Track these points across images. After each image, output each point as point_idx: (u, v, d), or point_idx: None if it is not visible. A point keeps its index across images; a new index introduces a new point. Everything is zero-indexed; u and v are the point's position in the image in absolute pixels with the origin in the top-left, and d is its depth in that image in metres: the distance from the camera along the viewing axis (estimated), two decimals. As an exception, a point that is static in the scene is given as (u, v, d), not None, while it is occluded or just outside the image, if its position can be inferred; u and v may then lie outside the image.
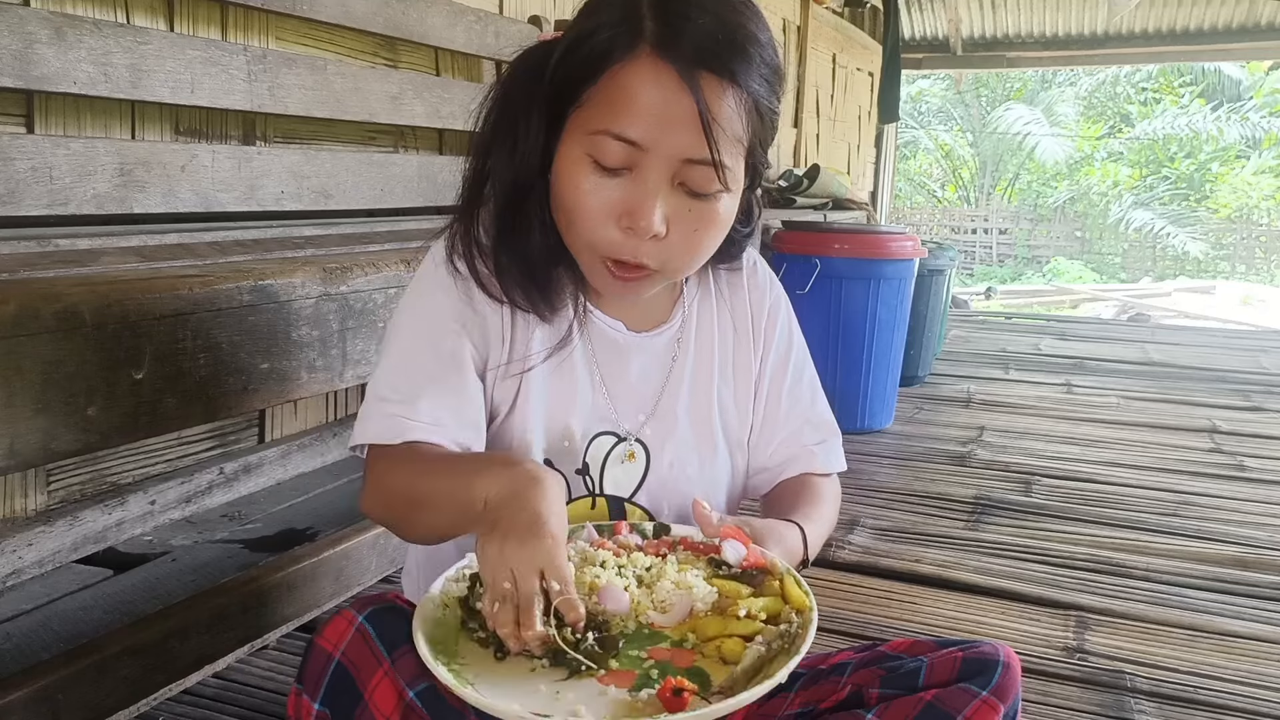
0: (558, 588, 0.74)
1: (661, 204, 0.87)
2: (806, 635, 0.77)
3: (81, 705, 1.08)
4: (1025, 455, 2.96)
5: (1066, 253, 19.11)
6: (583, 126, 0.88)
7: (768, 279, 1.12)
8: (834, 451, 1.12)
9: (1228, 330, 7.18)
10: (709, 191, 0.89)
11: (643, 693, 0.72)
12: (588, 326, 1.01)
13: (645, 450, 1.03)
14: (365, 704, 0.79)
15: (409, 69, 2.44)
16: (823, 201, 4.73)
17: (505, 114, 0.95)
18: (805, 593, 0.83)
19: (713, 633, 0.79)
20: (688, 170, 0.87)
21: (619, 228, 0.88)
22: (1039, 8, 7.37)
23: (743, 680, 0.74)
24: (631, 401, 1.03)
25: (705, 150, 0.85)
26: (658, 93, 0.84)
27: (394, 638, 0.80)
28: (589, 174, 0.88)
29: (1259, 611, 1.88)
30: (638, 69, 0.85)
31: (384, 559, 1.58)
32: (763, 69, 0.88)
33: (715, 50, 0.85)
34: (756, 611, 0.80)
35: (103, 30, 1.60)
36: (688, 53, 0.84)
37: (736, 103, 0.87)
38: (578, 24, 0.91)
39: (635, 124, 0.85)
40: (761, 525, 0.93)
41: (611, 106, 0.86)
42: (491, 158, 0.95)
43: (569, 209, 0.90)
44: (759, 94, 0.89)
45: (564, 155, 0.90)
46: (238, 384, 1.18)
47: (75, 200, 1.56)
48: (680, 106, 0.84)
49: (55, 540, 1.54)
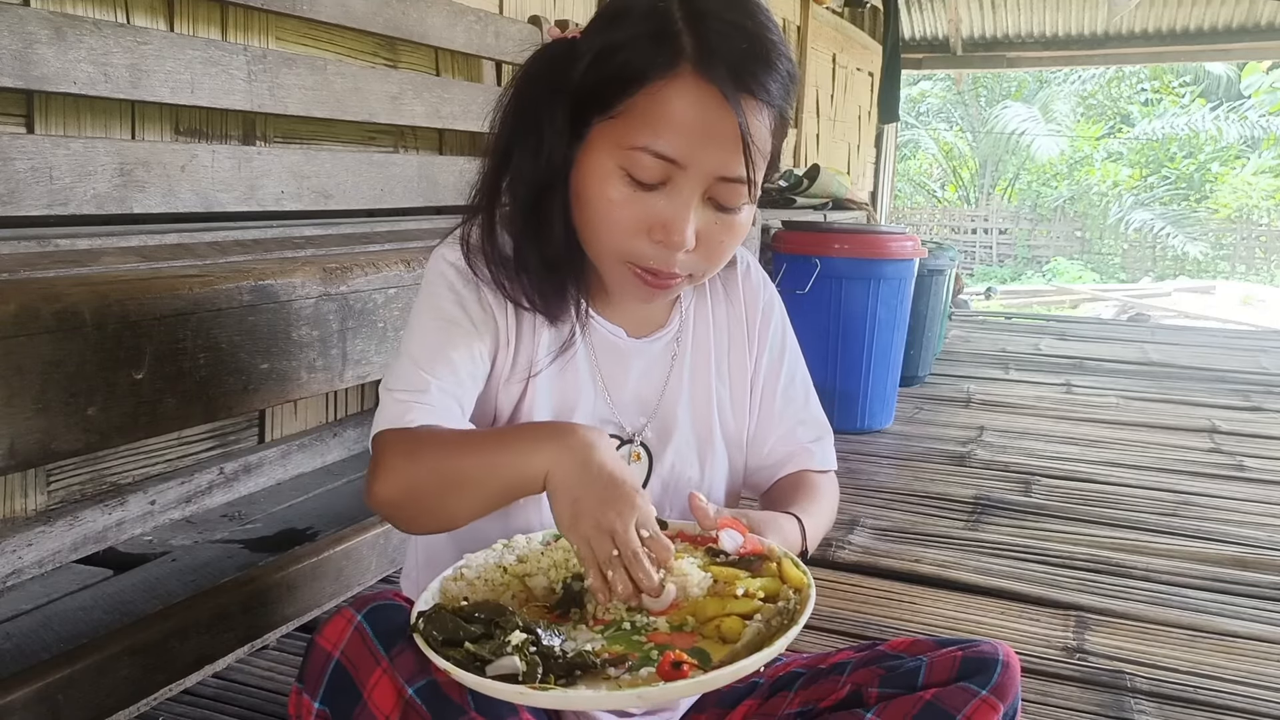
0: (646, 534, 0.77)
1: (694, 219, 0.88)
2: (805, 609, 0.77)
3: (81, 705, 1.08)
4: (1025, 455, 2.96)
5: (1066, 253, 19.11)
6: (616, 139, 0.88)
7: (761, 280, 1.14)
8: (828, 450, 1.14)
9: (1228, 330, 7.17)
10: (737, 205, 0.90)
11: (643, 670, 0.72)
12: (591, 332, 1.01)
13: (648, 453, 1.03)
14: (364, 703, 0.79)
15: (409, 69, 2.44)
16: (823, 201, 4.73)
17: (527, 114, 0.94)
18: (803, 572, 0.83)
19: (712, 613, 0.79)
20: (719, 186, 0.88)
21: (650, 240, 0.89)
22: (1039, 8, 7.37)
23: (742, 655, 0.74)
24: (633, 405, 1.03)
25: (740, 169, 0.87)
26: (701, 113, 0.85)
27: (392, 636, 0.80)
28: (621, 187, 0.88)
29: (1259, 611, 1.88)
30: (680, 89, 0.85)
31: (384, 559, 1.58)
32: (787, 82, 0.90)
33: (753, 70, 0.87)
34: (754, 590, 0.80)
35: (103, 30, 1.60)
36: (727, 73, 0.85)
37: (769, 120, 0.89)
38: (605, 33, 0.91)
39: (676, 143, 0.86)
40: (759, 517, 0.93)
41: (651, 124, 0.86)
42: (513, 158, 0.95)
43: (597, 220, 0.91)
44: (783, 106, 0.91)
45: (592, 166, 0.90)
46: (238, 384, 1.18)
47: (75, 200, 1.56)
48: (722, 127, 0.85)
49: (55, 540, 1.54)
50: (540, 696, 0.69)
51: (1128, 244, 19.21)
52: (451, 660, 0.71)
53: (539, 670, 0.71)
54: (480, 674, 0.70)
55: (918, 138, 20.59)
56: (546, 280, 0.96)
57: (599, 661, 0.73)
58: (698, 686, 0.71)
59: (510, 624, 0.74)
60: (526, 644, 0.73)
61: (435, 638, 0.74)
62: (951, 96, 20.15)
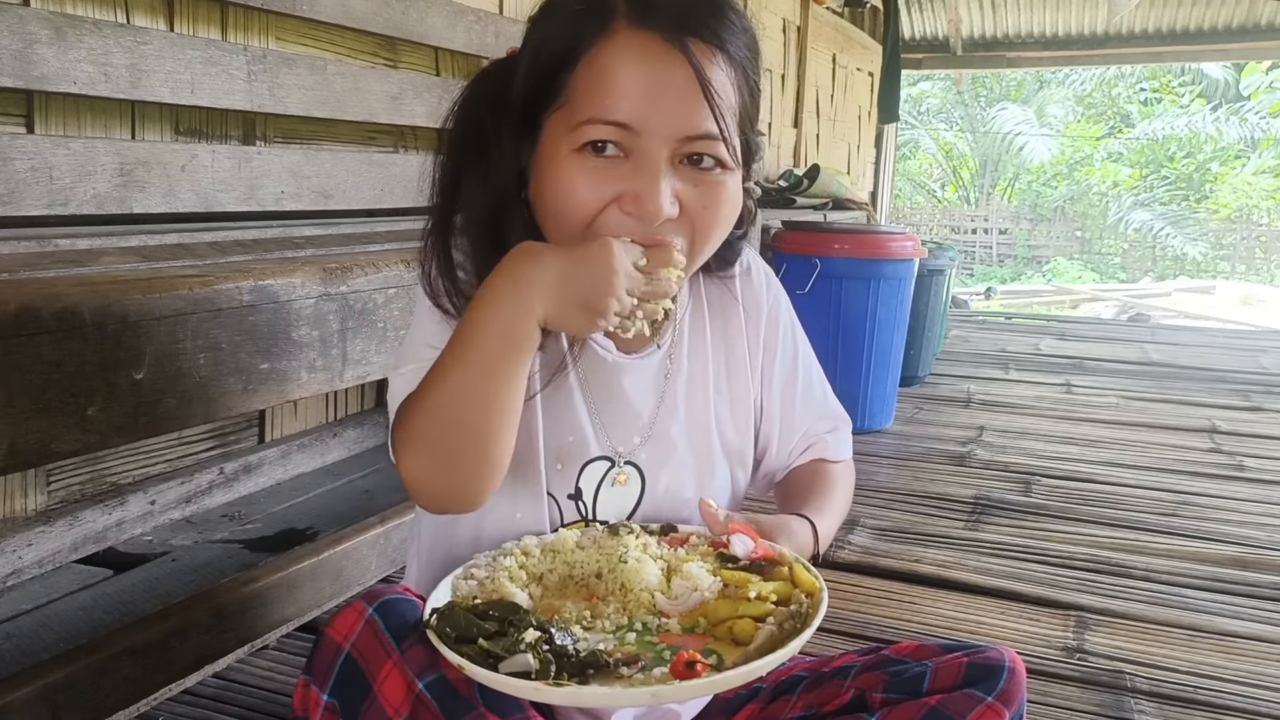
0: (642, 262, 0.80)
1: (667, 184, 0.82)
2: (817, 613, 0.77)
3: (81, 705, 1.08)
4: (1025, 455, 2.96)
5: (1066, 253, 19.11)
6: (565, 123, 0.82)
7: (763, 280, 1.08)
8: (844, 439, 1.11)
9: (1228, 330, 7.17)
10: (713, 164, 0.84)
11: (655, 670, 0.72)
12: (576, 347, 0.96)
13: (640, 474, 0.98)
14: (374, 695, 0.78)
15: (409, 69, 2.44)
16: (823, 201, 4.73)
17: (470, 139, 0.89)
18: (815, 576, 0.83)
19: (724, 615, 0.79)
20: (689, 145, 0.82)
21: (620, 212, 0.82)
22: (1039, 8, 7.37)
23: (755, 657, 0.74)
24: (624, 424, 0.98)
25: (703, 121, 0.80)
26: (643, 65, 0.79)
27: (403, 630, 0.79)
28: (580, 167, 0.82)
29: (1258, 611, 1.88)
30: (616, 46, 0.80)
31: (384, 559, 1.58)
32: (744, 36, 0.85)
33: (697, 14, 0.81)
34: (767, 593, 0.80)
35: (103, 30, 1.60)
36: (668, 20, 0.79)
37: (727, 68, 0.82)
38: (536, 28, 0.87)
39: (624, 105, 0.79)
40: (770, 521, 0.91)
41: (592, 92, 0.80)
42: (461, 188, 0.90)
43: (564, 214, 0.84)
44: (746, 61, 0.85)
45: (548, 160, 0.84)
46: (238, 384, 1.18)
47: (75, 200, 1.56)
48: (671, 78, 0.79)
49: (55, 540, 1.54)
50: (554, 693, 0.69)
51: (1127, 244, 19.21)
52: (465, 657, 0.71)
53: (552, 668, 0.71)
54: (494, 670, 0.70)
55: (918, 138, 20.59)
56: None
57: (612, 661, 0.73)
58: (711, 686, 0.71)
59: (524, 622, 0.74)
60: (540, 642, 0.73)
61: (449, 634, 0.74)
62: (951, 96, 20.14)
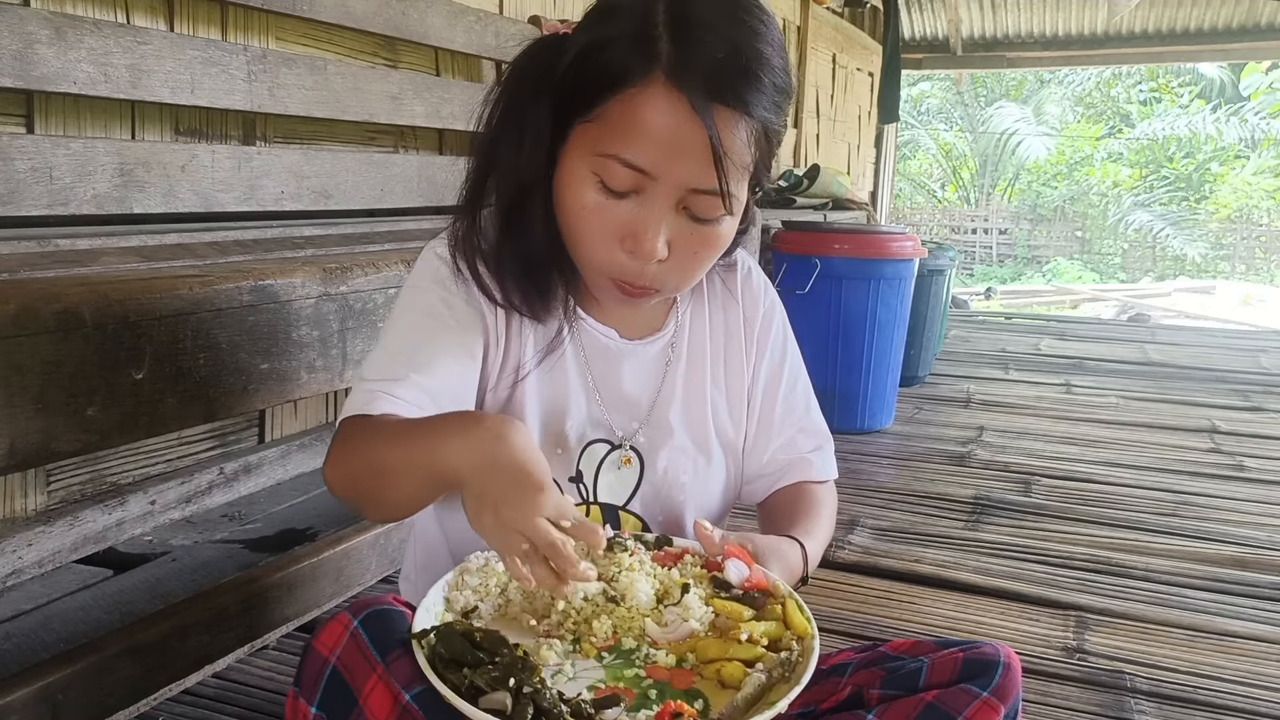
0: (569, 523, 0.74)
1: (665, 230, 0.88)
2: (807, 665, 0.77)
3: (81, 705, 1.08)
4: (1024, 455, 2.96)
5: (1066, 253, 19.11)
6: (590, 145, 0.87)
7: (762, 285, 1.12)
8: (828, 459, 1.13)
9: (1227, 330, 7.18)
10: (713, 217, 0.89)
11: (640, 714, 0.72)
12: (580, 333, 1.01)
13: (639, 457, 1.02)
14: (360, 709, 0.78)
15: (409, 69, 2.44)
16: (823, 201, 4.73)
17: (512, 110, 0.93)
18: (808, 619, 0.83)
19: (713, 654, 0.79)
20: (693, 197, 0.87)
21: (623, 250, 0.89)
22: (1039, 8, 7.37)
23: (743, 709, 0.73)
24: (625, 409, 1.02)
25: (713, 181, 0.85)
26: (670, 123, 0.84)
27: (388, 642, 0.79)
28: (593, 193, 0.88)
29: (1258, 611, 1.89)
30: (651, 97, 0.84)
31: (384, 559, 1.58)
32: (774, 94, 0.88)
33: (729, 80, 0.84)
34: (758, 636, 0.80)
35: (102, 30, 1.60)
36: (701, 82, 0.84)
37: (747, 133, 0.86)
38: (591, 30, 0.90)
39: (645, 153, 0.85)
40: (763, 543, 0.93)
41: (622, 132, 0.85)
42: (497, 154, 0.94)
43: (572, 224, 0.91)
44: (769, 120, 0.88)
45: (569, 169, 0.89)
46: (238, 384, 1.18)
47: (75, 200, 1.56)
48: (691, 138, 0.84)
49: (55, 540, 1.54)
50: None
51: (1127, 244, 19.21)
52: (448, 683, 0.71)
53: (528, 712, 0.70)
54: (472, 702, 0.70)
55: (918, 138, 20.59)
56: (527, 279, 0.95)
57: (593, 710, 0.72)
58: None
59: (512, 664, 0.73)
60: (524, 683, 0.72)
61: (442, 655, 0.74)
62: (951, 96, 20.15)
